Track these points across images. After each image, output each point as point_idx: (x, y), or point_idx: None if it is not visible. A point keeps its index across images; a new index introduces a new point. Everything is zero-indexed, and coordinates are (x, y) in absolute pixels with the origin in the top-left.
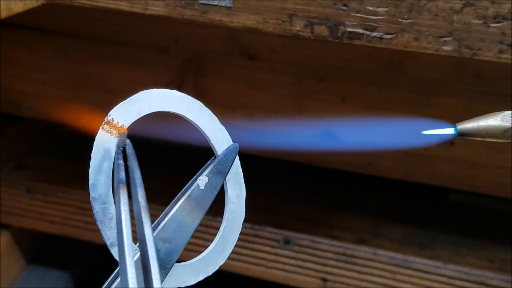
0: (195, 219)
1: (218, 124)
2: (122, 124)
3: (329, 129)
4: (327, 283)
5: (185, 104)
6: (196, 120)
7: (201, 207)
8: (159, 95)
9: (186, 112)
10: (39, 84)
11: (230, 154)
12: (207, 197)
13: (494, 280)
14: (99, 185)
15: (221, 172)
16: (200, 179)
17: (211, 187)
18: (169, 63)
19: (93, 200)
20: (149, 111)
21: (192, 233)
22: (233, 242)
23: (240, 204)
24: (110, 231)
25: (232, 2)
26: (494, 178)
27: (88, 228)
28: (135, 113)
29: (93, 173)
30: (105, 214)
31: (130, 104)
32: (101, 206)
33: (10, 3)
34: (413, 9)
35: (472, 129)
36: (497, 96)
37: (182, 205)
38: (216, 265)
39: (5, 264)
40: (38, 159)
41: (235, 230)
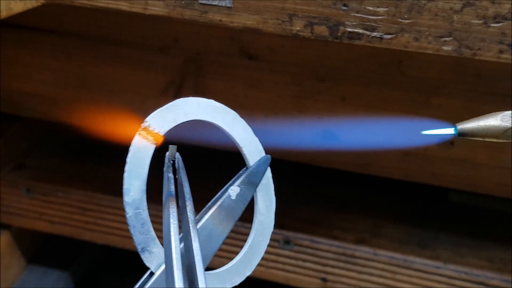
0: (225, 229)
1: (251, 135)
2: (158, 131)
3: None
4: (327, 283)
5: (220, 113)
6: (230, 130)
7: (231, 217)
8: (195, 103)
9: (221, 122)
10: (39, 84)
11: (262, 165)
12: (238, 207)
13: (494, 280)
14: (133, 190)
15: (253, 183)
16: (232, 189)
17: (242, 198)
18: (169, 63)
19: (126, 205)
20: (185, 119)
21: (221, 242)
22: (260, 253)
23: (269, 216)
24: (142, 236)
25: (232, 2)
26: (494, 178)
27: (88, 228)
28: (171, 120)
29: (128, 178)
30: (137, 219)
31: (167, 112)
32: (134, 211)
33: (10, 3)
34: (413, 9)
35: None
36: (497, 96)
37: (213, 214)
38: (243, 275)
39: (5, 264)
40: (38, 159)
41: (263, 241)
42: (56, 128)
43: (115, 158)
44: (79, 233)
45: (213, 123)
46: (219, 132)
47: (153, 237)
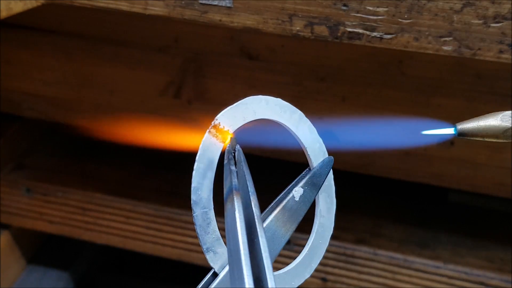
0: (288, 230)
1: (316, 135)
2: (228, 129)
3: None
4: (327, 283)
5: (287, 113)
6: (296, 130)
7: (294, 219)
8: (264, 102)
9: (287, 121)
10: (39, 84)
11: (326, 167)
12: (301, 208)
13: (494, 280)
14: (202, 189)
15: (316, 185)
16: (296, 191)
17: (305, 199)
18: (169, 63)
19: (194, 204)
20: (254, 118)
21: (284, 244)
22: (320, 256)
23: (330, 218)
24: (208, 236)
25: (232, 2)
26: (494, 178)
27: (88, 228)
28: (241, 118)
29: (196, 176)
30: (204, 219)
31: (237, 110)
32: (201, 210)
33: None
34: (413, 9)
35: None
36: (497, 96)
37: (277, 215)
38: (302, 278)
39: (5, 264)
40: (38, 159)
41: (323, 244)
42: (56, 128)
43: (115, 158)
44: (79, 233)
45: (280, 123)
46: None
47: (218, 237)
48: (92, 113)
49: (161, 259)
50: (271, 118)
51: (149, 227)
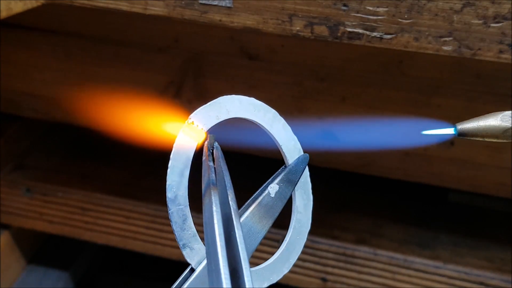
0: (264, 226)
1: (291, 133)
2: (201, 128)
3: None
4: (327, 283)
5: (261, 111)
6: (270, 128)
7: (270, 215)
8: (237, 101)
9: (261, 120)
10: (39, 84)
11: (301, 164)
12: (277, 205)
13: (494, 280)
14: (177, 187)
15: (291, 181)
16: (271, 187)
17: (281, 196)
18: (169, 63)
19: (169, 201)
20: (227, 117)
21: (260, 240)
22: (298, 251)
23: (307, 214)
24: (184, 232)
25: (232, 2)
26: (494, 178)
27: (88, 228)
28: (214, 117)
29: (171, 174)
30: (179, 216)
31: (210, 109)
32: (177, 207)
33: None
34: (413, 9)
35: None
36: (497, 96)
37: (253, 211)
38: (281, 273)
39: (5, 264)
40: (38, 159)
41: (300, 239)
42: (56, 128)
43: (115, 158)
44: (79, 233)
45: (254, 121)
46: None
47: (194, 233)
48: (92, 113)
49: (161, 259)
50: (244, 117)
51: (149, 227)
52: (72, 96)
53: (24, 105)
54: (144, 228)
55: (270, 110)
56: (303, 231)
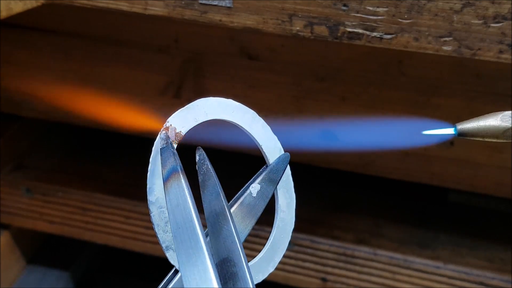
0: (247, 226)
1: (270, 133)
2: (179, 131)
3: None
4: (327, 283)
5: (239, 113)
6: (250, 128)
7: (253, 214)
8: (215, 103)
9: (240, 121)
10: (39, 84)
11: (282, 163)
12: (259, 204)
13: (494, 280)
14: (157, 189)
15: (273, 181)
16: (253, 187)
17: (263, 195)
18: (169, 63)
19: (150, 204)
20: (205, 119)
21: (244, 238)
22: (282, 249)
23: (290, 212)
24: (166, 234)
25: (232, 2)
26: (494, 178)
27: (88, 228)
28: (192, 120)
29: (150, 177)
30: (161, 218)
31: (188, 112)
32: (158, 209)
33: (10, 3)
34: (413, 9)
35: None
36: (497, 96)
37: (235, 211)
38: (266, 272)
39: (5, 264)
40: (38, 159)
41: (285, 238)
42: (56, 128)
43: (115, 158)
44: (79, 233)
45: (232, 122)
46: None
47: None
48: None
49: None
50: (223, 118)
51: (149, 227)
52: (72, 96)
53: (24, 105)
54: (144, 228)
55: (248, 111)
56: (287, 229)
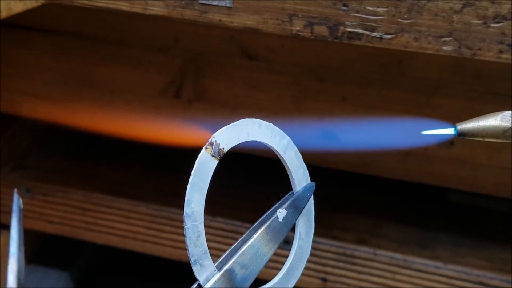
0: (270, 249)
1: (301, 161)
2: (222, 147)
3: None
4: (327, 283)
5: (277, 137)
6: (284, 154)
7: (277, 239)
8: (257, 125)
9: (276, 145)
10: (39, 84)
11: (308, 192)
12: (283, 229)
13: (494, 280)
14: (194, 203)
15: (298, 208)
16: (280, 212)
17: (288, 221)
18: (169, 63)
19: (186, 216)
20: (246, 139)
21: (265, 262)
22: (296, 277)
23: (308, 241)
24: (196, 248)
25: (232, 2)
26: (494, 178)
27: (88, 228)
28: (235, 138)
29: (191, 190)
30: (194, 231)
31: (232, 130)
32: (193, 223)
33: (10, 3)
34: (413, 9)
35: (472, 129)
36: (497, 96)
37: (262, 234)
38: None
39: (5, 264)
40: (38, 159)
41: (300, 265)
42: (56, 128)
43: (115, 158)
44: (79, 233)
45: (269, 146)
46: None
47: (206, 251)
48: (92, 113)
49: (161, 259)
50: (262, 141)
51: (149, 227)
52: (72, 96)
53: (24, 105)
54: (144, 228)
55: (285, 137)
56: (303, 257)
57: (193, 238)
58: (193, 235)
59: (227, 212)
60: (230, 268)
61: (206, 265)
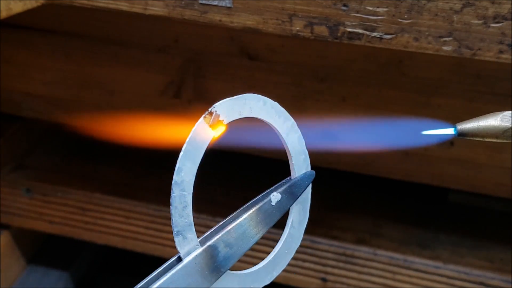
0: (259, 232)
1: (304, 148)
2: (222, 119)
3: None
4: (327, 283)
5: (281, 118)
6: (286, 136)
7: (267, 223)
8: (262, 102)
9: (280, 126)
10: (39, 84)
11: (306, 179)
12: (275, 214)
13: (494, 280)
14: (185, 171)
15: (293, 195)
16: (274, 195)
17: (281, 206)
18: (169, 63)
19: (174, 184)
20: (249, 115)
21: (252, 245)
22: (283, 265)
23: (299, 230)
24: (181, 219)
25: (232, 2)
26: (494, 178)
27: (88, 228)
28: (237, 112)
29: (183, 157)
30: (181, 201)
31: (235, 102)
32: (180, 192)
33: (10, 3)
34: (413, 9)
35: (472, 129)
36: (497, 96)
37: (251, 215)
38: (262, 283)
39: (5, 264)
40: (38, 159)
41: (288, 254)
42: (56, 128)
43: (115, 158)
44: (79, 233)
45: (272, 126)
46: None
47: (191, 223)
48: (92, 113)
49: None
50: (264, 119)
51: (149, 227)
52: (72, 96)
53: (24, 105)
54: (144, 228)
55: (290, 119)
56: (293, 246)
57: (179, 208)
58: (179, 205)
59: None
60: (213, 245)
61: (189, 237)
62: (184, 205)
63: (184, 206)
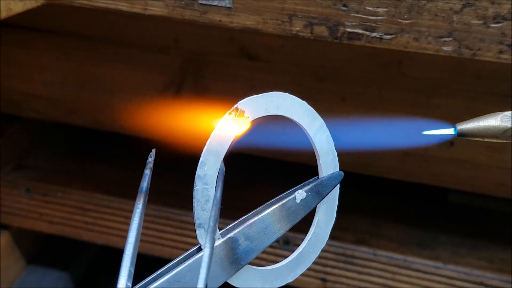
0: (281, 229)
1: (332, 147)
2: (248, 116)
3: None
4: (327, 283)
5: (309, 117)
6: (314, 136)
7: (290, 220)
8: (289, 100)
9: (308, 126)
10: (39, 84)
11: (334, 179)
12: (299, 212)
13: (494, 281)
14: (208, 165)
15: (320, 194)
16: (299, 193)
17: (306, 204)
18: (169, 63)
19: (197, 178)
20: (275, 113)
21: (274, 240)
22: (307, 264)
23: (326, 230)
24: (203, 212)
25: (232, 2)
26: (494, 178)
27: (88, 228)
28: (263, 110)
29: (206, 152)
30: (203, 194)
31: (261, 100)
32: (203, 185)
33: (10, 3)
34: (413, 10)
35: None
36: (497, 96)
37: (275, 210)
38: (285, 280)
39: (5, 264)
40: (38, 159)
41: (313, 253)
42: (56, 128)
43: (115, 158)
44: (79, 233)
45: (300, 125)
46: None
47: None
48: (92, 113)
49: (161, 259)
50: (292, 118)
51: (149, 227)
52: (72, 96)
53: (24, 105)
54: (144, 228)
55: (318, 118)
56: (318, 246)
57: (202, 201)
58: (201, 198)
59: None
60: (234, 237)
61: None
62: (206, 199)
63: (206, 199)
